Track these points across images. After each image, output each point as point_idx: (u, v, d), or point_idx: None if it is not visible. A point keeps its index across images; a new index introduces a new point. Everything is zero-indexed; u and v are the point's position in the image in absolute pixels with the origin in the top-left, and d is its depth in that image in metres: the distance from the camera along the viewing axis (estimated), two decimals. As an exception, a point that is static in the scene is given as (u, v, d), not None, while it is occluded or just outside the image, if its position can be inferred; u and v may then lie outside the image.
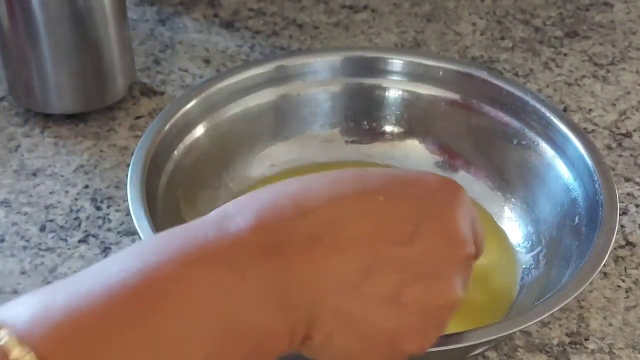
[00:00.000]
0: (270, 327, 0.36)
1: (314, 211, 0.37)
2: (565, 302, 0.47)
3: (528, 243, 0.58)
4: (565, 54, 0.79)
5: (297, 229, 0.37)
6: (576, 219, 0.54)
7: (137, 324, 0.33)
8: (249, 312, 0.35)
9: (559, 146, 0.58)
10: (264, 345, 0.36)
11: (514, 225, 0.59)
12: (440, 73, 0.63)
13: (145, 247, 0.37)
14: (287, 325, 0.36)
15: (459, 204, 0.40)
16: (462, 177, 0.62)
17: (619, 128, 0.71)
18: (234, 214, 0.37)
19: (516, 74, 0.76)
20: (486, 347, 0.51)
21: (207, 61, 0.77)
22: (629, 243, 0.61)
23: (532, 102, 0.60)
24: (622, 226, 0.62)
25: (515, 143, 0.60)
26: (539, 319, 0.46)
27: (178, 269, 0.35)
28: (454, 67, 0.63)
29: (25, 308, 0.33)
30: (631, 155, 0.68)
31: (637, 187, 0.65)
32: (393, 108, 0.64)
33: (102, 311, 0.33)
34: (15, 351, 0.31)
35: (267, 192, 0.39)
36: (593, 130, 0.70)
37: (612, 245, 0.50)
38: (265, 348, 0.36)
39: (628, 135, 0.70)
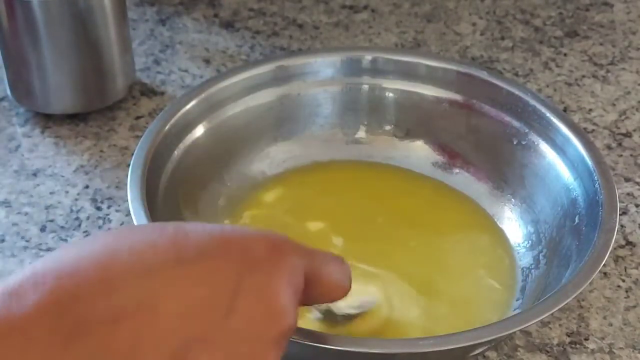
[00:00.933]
0: None
1: (118, 288, 0.34)
2: (565, 302, 0.46)
3: (528, 243, 0.58)
4: (565, 54, 0.79)
5: (98, 309, 0.33)
6: (576, 219, 0.54)
7: None
8: None
9: (559, 146, 0.58)
10: None
11: (514, 225, 0.59)
12: (440, 73, 0.63)
13: None
14: None
15: (283, 273, 0.38)
16: (462, 177, 0.62)
17: (619, 128, 0.71)
18: (26, 289, 0.33)
19: (516, 74, 0.76)
20: (486, 347, 0.51)
21: (207, 61, 0.77)
22: (629, 243, 0.61)
23: (532, 102, 0.60)
24: (622, 226, 0.62)
25: (515, 143, 0.60)
26: (539, 319, 0.46)
27: None
28: (454, 67, 0.63)
29: None
30: (631, 155, 0.68)
31: (637, 187, 0.65)
32: (393, 108, 0.64)
33: None
34: None
35: (70, 253, 0.35)
36: (593, 130, 0.70)
37: (612, 245, 0.50)
38: None
39: (628, 135, 0.70)
